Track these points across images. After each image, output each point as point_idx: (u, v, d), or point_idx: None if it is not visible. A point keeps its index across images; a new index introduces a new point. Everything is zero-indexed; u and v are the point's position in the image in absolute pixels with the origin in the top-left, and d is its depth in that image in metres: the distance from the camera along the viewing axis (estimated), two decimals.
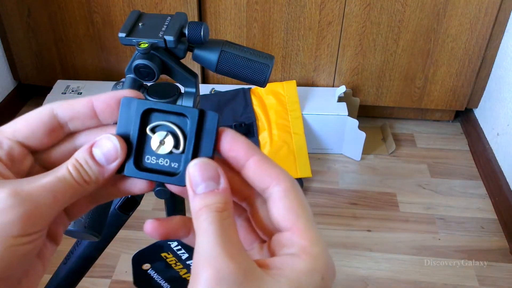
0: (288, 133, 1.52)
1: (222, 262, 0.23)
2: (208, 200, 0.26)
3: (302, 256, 0.25)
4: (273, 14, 1.53)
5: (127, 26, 0.61)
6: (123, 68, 1.69)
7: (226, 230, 0.25)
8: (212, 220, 0.25)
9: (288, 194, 0.27)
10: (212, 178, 0.26)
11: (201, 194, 0.26)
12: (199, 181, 0.26)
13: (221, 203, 0.26)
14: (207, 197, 0.26)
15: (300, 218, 0.26)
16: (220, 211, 0.25)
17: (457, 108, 1.70)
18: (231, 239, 0.25)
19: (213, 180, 0.26)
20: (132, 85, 0.61)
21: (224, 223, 0.25)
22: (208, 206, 0.25)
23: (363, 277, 1.24)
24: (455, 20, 1.49)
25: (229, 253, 0.24)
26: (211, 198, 0.26)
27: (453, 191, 1.50)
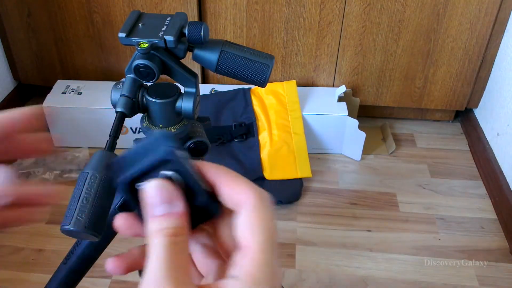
0: (288, 133, 1.52)
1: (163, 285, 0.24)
2: (163, 223, 0.26)
3: (243, 279, 0.25)
4: (273, 14, 1.53)
5: (127, 26, 0.61)
6: (123, 68, 1.69)
7: (175, 255, 0.25)
8: (164, 245, 0.25)
9: (251, 214, 0.27)
10: (169, 201, 0.26)
11: (158, 217, 0.26)
12: (157, 202, 0.26)
13: (176, 228, 0.26)
14: (163, 221, 0.26)
15: (255, 237, 0.26)
16: (173, 235, 0.26)
17: (457, 108, 1.70)
18: (178, 264, 0.25)
19: (170, 203, 0.26)
20: (132, 84, 0.61)
21: (175, 248, 0.25)
22: (163, 230, 0.26)
23: (363, 277, 1.24)
24: (455, 20, 1.49)
25: (173, 278, 0.24)
26: (166, 221, 0.26)
27: (453, 191, 1.50)
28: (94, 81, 1.67)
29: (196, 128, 0.71)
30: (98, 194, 0.45)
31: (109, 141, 0.53)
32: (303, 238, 1.34)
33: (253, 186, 0.28)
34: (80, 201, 0.45)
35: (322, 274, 1.24)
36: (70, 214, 0.45)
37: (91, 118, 1.54)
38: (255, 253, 0.26)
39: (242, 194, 0.27)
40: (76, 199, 0.46)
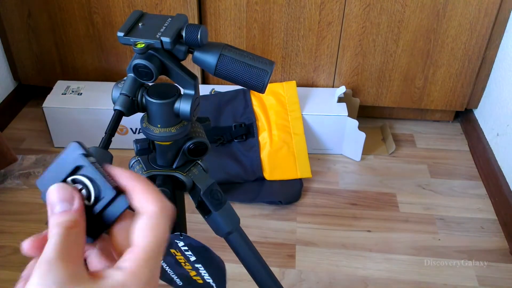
0: (288, 134, 1.52)
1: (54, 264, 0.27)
2: (61, 218, 0.30)
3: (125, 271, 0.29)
4: (273, 14, 1.53)
5: (127, 26, 0.61)
6: (123, 69, 1.69)
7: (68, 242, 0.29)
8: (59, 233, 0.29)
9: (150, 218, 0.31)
10: (67, 200, 0.31)
11: (56, 213, 0.30)
12: (56, 201, 0.31)
13: (71, 221, 0.30)
14: (60, 216, 0.30)
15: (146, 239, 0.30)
16: (69, 227, 0.30)
17: (457, 108, 1.70)
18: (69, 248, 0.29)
19: (67, 202, 0.31)
20: (132, 84, 0.61)
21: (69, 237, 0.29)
22: (60, 223, 0.30)
23: (363, 277, 1.24)
24: (455, 20, 1.49)
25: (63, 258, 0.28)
26: (63, 216, 0.30)
27: (453, 191, 1.50)
28: (94, 82, 1.67)
29: (196, 128, 0.71)
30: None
31: (104, 138, 0.53)
32: (303, 239, 1.34)
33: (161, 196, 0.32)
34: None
35: (322, 274, 1.24)
36: None
37: (91, 119, 1.55)
38: (141, 252, 0.30)
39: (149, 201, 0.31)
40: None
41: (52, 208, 0.31)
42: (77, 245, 0.30)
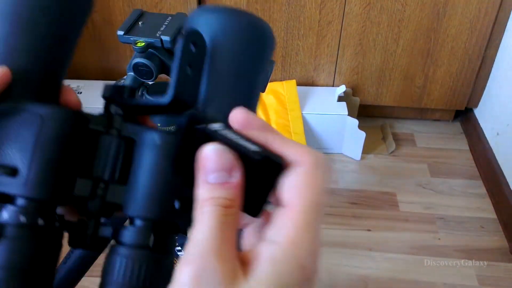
0: (288, 133, 1.52)
1: (210, 260, 0.22)
2: (217, 192, 0.24)
3: (282, 241, 0.23)
4: (273, 13, 1.52)
5: (127, 24, 0.61)
6: (123, 68, 1.69)
7: (225, 228, 0.23)
8: (215, 215, 0.24)
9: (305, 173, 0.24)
10: (227, 169, 0.24)
11: (211, 184, 0.24)
12: (213, 168, 0.24)
13: (229, 199, 0.24)
14: (216, 189, 0.24)
15: (300, 199, 0.24)
16: (226, 206, 0.24)
17: (457, 107, 1.70)
18: (227, 239, 0.23)
19: (227, 172, 0.24)
20: (132, 83, 0.61)
21: (226, 220, 0.24)
22: (215, 199, 0.24)
23: (363, 277, 1.24)
24: (455, 20, 1.49)
25: (220, 253, 0.23)
26: (221, 191, 0.24)
27: (453, 190, 1.50)
28: (94, 81, 1.66)
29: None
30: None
31: None
32: None
33: (308, 148, 0.25)
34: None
35: (322, 274, 1.24)
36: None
37: None
38: (297, 214, 0.24)
39: (297, 154, 0.25)
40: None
41: (206, 175, 0.24)
42: (233, 232, 0.24)
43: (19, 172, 0.27)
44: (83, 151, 0.29)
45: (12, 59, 0.30)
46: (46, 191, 0.28)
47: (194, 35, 0.31)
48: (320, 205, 0.24)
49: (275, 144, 0.25)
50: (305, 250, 0.23)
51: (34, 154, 0.28)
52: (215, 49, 0.31)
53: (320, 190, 0.24)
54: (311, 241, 0.23)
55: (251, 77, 0.33)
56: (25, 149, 0.27)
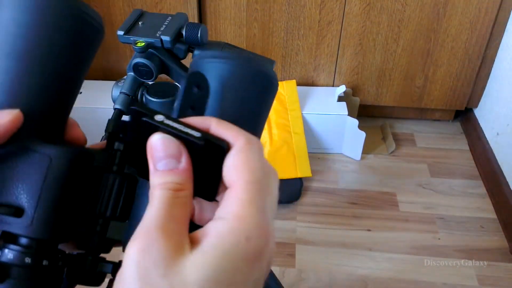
0: (288, 133, 1.52)
1: (155, 236, 0.23)
2: (166, 178, 0.26)
3: (228, 217, 0.24)
4: (273, 13, 1.52)
5: (127, 24, 0.61)
6: (123, 68, 1.69)
7: (173, 208, 0.25)
8: (163, 197, 0.25)
9: (238, 154, 0.26)
10: (174, 156, 0.26)
11: (161, 171, 0.26)
12: (161, 156, 0.26)
13: (178, 183, 0.26)
14: (166, 175, 0.26)
15: (241, 177, 0.26)
16: (175, 190, 0.25)
17: (457, 107, 1.70)
18: (174, 216, 0.24)
19: (174, 158, 0.26)
20: (132, 83, 0.61)
21: (175, 201, 0.25)
22: (165, 184, 0.25)
23: (363, 277, 1.24)
24: (455, 19, 1.49)
25: (165, 229, 0.24)
26: (169, 176, 0.26)
27: (453, 190, 1.50)
28: (94, 81, 1.66)
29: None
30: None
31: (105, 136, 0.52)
32: (303, 238, 1.34)
33: (241, 130, 0.27)
34: None
35: (322, 274, 1.24)
36: None
37: (91, 118, 1.54)
38: (239, 192, 0.25)
39: (231, 137, 0.27)
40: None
41: (155, 163, 0.26)
42: (184, 212, 0.25)
43: (24, 213, 0.27)
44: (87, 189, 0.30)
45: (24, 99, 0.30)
46: (50, 231, 0.28)
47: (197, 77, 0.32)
48: (260, 180, 0.26)
49: (214, 129, 0.27)
50: (249, 224, 0.24)
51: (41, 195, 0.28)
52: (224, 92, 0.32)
53: (256, 166, 0.26)
54: (256, 215, 0.24)
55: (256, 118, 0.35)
56: (32, 190, 0.28)
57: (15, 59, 0.30)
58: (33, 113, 0.30)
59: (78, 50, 0.32)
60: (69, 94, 0.33)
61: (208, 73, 0.32)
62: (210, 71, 0.33)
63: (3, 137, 0.28)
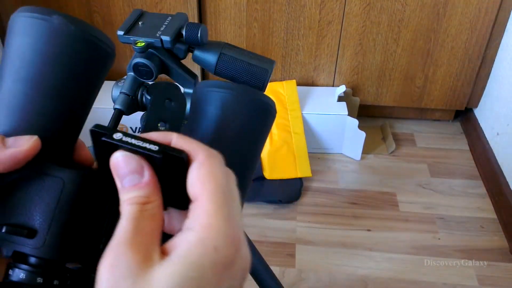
0: (288, 133, 1.52)
1: (122, 250, 0.24)
2: (131, 193, 0.26)
3: (195, 228, 0.25)
4: (273, 13, 1.52)
5: (127, 25, 0.61)
6: (123, 68, 1.69)
7: (140, 221, 0.25)
8: (130, 212, 0.26)
9: (200, 167, 0.27)
10: (136, 171, 0.27)
11: (126, 187, 0.27)
12: (125, 173, 0.27)
13: (144, 196, 0.26)
14: (131, 191, 0.27)
15: (204, 190, 0.26)
16: (142, 203, 0.26)
17: (457, 107, 1.70)
18: (142, 230, 0.25)
19: (137, 173, 0.27)
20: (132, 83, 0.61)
21: (143, 214, 0.26)
22: (131, 199, 0.26)
23: (363, 277, 1.24)
24: (455, 19, 1.49)
25: (132, 242, 0.24)
26: (134, 191, 0.26)
27: (453, 190, 1.50)
28: None
29: None
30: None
31: None
32: (303, 238, 1.34)
33: (201, 144, 0.28)
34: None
35: (322, 274, 1.24)
36: None
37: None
38: (205, 203, 0.26)
39: (192, 151, 0.27)
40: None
41: (120, 181, 0.27)
42: (153, 223, 0.26)
43: (37, 234, 0.28)
44: (95, 209, 0.31)
45: (39, 124, 0.31)
46: (62, 252, 0.29)
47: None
48: (224, 189, 0.26)
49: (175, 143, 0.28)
50: (217, 233, 0.25)
51: (54, 218, 0.29)
52: (223, 119, 0.34)
53: (220, 178, 0.27)
54: (223, 224, 0.25)
55: (253, 144, 0.35)
56: (45, 212, 0.29)
57: (30, 84, 0.30)
58: (48, 137, 0.30)
59: (91, 75, 0.33)
60: (81, 118, 0.33)
61: (210, 101, 0.34)
62: (212, 100, 0.34)
63: (21, 163, 0.29)
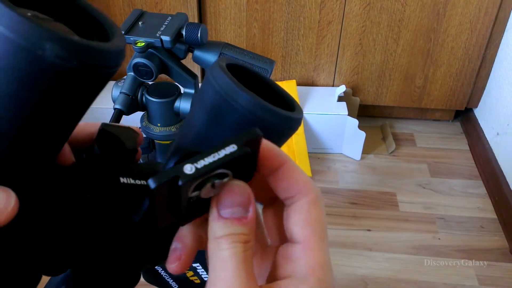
0: None
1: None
2: (234, 228, 0.23)
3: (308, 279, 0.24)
4: (273, 13, 1.52)
5: (127, 24, 0.61)
6: (123, 68, 1.68)
7: (247, 264, 0.23)
8: (235, 252, 0.23)
9: (311, 207, 0.25)
10: (243, 205, 0.24)
11: (227, 219, 0.24)
12: (228, 204, 0.24)
13: (247, 234, 0.24)
14: (234, 225, 0.23)
15: (315, 234, 0.25)
16: (244, 242, 0.23)
17: (457, 107, 1.70)
18: (250, 274, 0.23)
19: (243, 207, 0.24)
20: (132, 83, 0.61)
21: (246, 255, 0.23)
22: (234, 236, 0.23)
23: (363, 277, 1.24)
24: (455, 19, 1.49)
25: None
26: (238, 227, 0.23)
27: (453, 190, 1.50)
28: None
29: None
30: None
31: None
32: None
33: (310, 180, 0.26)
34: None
35: None
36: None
37: (90, 118, 1.54)
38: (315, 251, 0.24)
39: (302, 185, 0.25)
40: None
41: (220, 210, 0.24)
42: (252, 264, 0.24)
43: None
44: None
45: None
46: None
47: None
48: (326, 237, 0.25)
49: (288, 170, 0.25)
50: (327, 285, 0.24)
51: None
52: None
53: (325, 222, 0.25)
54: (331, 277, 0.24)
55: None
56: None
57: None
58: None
59: (93, 95, 0.27)
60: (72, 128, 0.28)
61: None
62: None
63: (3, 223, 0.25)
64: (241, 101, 0.25)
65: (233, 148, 0.23)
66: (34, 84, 0.21)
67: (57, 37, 0.20)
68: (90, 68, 0.22)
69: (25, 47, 0.20)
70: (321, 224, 0.25)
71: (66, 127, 0.26)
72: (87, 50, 0.21)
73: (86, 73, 0.22)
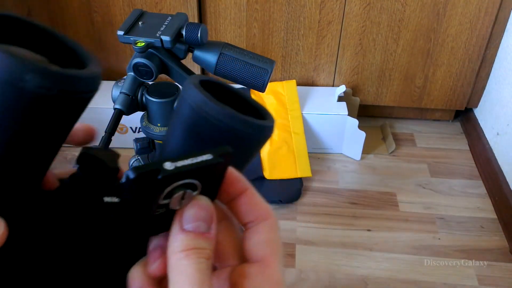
0: (288, 133, 1.52)
1: None
2: (199, 242, 0.24)
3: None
4: (273, 13, 1.52)
5: (127, 24, 0.61)
6: (123, 68, 1.69)
7: (208, 280, 0.23)
8: (200, 268, 0.23)
9: (270, 229, 0.27)
10: (206, 220, 0.24)
11: (190, 233, 0.24)
12: (192, 217, 0.24)
13: (210, 250, 0.24)
14: (198, 238, 0.24)
15: (273, 254, 0.26)
16: (207, 258, 0.23)
17: (457, 107, 1.70)
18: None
19: (206, 222, 0.24)
20: (132, 83, 0.61)
21: (207, 272, 0.23)
22: (199, 251, 0.23)
23: (362, 277, 1.24)
24: (455, 19, 1.49)
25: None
26: (201, 241, 0.24)
27: (453, 190, 1.50)
28: None
29: None
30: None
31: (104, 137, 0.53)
32: (303, 238, 1.34)
33: (269, 206, 0.28)
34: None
35: (322, 274, 1.24)
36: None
37: (90, 118, 1.54)
38: (275, 270, 0.26)
39: (263, 210, 0.27)
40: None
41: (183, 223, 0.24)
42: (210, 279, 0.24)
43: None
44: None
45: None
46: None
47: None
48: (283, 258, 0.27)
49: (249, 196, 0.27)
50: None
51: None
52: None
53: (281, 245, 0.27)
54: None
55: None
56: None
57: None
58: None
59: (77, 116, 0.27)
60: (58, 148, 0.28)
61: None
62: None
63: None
64: (215, 113, 0.26)
65: (209, 156, 0.24)
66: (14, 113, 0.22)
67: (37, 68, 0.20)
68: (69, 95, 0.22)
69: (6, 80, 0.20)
70: (279, 246, 0.27)
71: (49, 152, 0.26)
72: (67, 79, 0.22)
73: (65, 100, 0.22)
